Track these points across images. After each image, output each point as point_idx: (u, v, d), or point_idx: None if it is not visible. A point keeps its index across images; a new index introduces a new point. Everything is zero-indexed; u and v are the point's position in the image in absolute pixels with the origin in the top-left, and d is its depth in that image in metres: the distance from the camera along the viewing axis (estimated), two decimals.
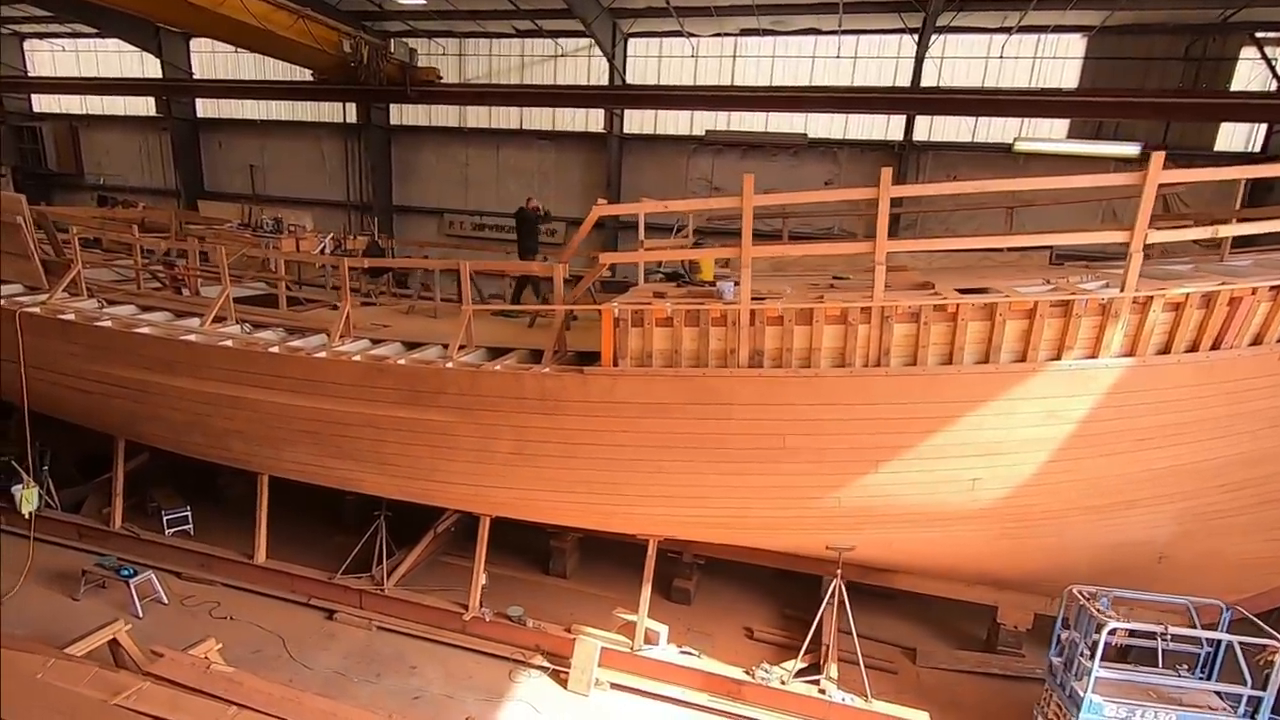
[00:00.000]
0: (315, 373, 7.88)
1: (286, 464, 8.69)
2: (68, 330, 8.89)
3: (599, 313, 6.89)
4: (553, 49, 18.91)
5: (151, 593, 9.60)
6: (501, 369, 7.38)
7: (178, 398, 8.60)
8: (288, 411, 8.14)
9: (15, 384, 9.76)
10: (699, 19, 16.51)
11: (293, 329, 9.28)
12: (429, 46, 20.04)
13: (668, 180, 18.81)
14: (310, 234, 10.55)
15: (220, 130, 23.05)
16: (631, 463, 7.21)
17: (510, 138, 20.01)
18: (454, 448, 7.75)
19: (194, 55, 22.45)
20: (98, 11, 19.43)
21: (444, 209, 20.96)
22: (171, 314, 9.85)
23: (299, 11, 14.97)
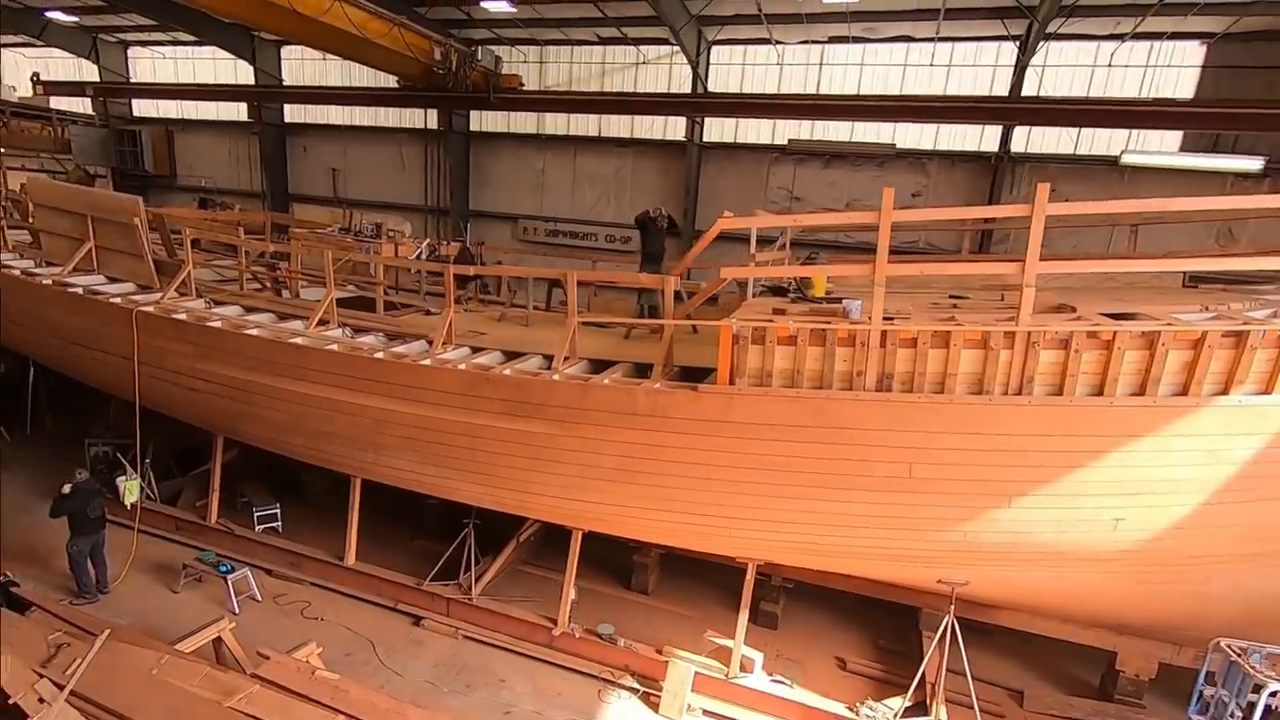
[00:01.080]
0: (419, 380, 7.86)
1: (383, 469, 8.71)
2: (180, 329, 9.11)
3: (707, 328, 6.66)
4: (634, 56, 18.84)
5: (247, 590, 9.76)
6: (610, 383, 7.20)
7: (281, 399, 8.71)
8: (389, 417, 8.13)
9: (121, 378, 10.10)
10: (786, 26, 16.19)
11: (393, 334, 9.33)
12: (510, 54, 20.21)
13: (746, 189, 18.50)
14: (408, 240, 10.62)
15: (305, 135, 23.75)
16: (742, 484, 6.93)
17: (588, 144, 20.02)
18: (555, 461, 7.60)
19: (284, 62, 23.22)
20: (201, 20, 20.29)
21: (518, 214, 21.09)
22: (274, 315, 10.04)
23: (395, 20, 15.29)
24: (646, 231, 10.69)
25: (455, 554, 9.92)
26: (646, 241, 10.71)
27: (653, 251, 10.67)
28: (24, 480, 12.67)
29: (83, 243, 10.77)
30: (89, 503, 8.98)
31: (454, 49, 18.05)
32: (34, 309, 10.57)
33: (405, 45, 16.17)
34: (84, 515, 8.98)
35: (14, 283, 10.66)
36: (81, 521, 9.00)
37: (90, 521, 8.97)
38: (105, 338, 9.81)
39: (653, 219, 10.61)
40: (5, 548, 10.88)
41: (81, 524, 9.01)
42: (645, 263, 10.63)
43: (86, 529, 9.01)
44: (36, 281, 10.41)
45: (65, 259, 11.05)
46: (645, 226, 10.69)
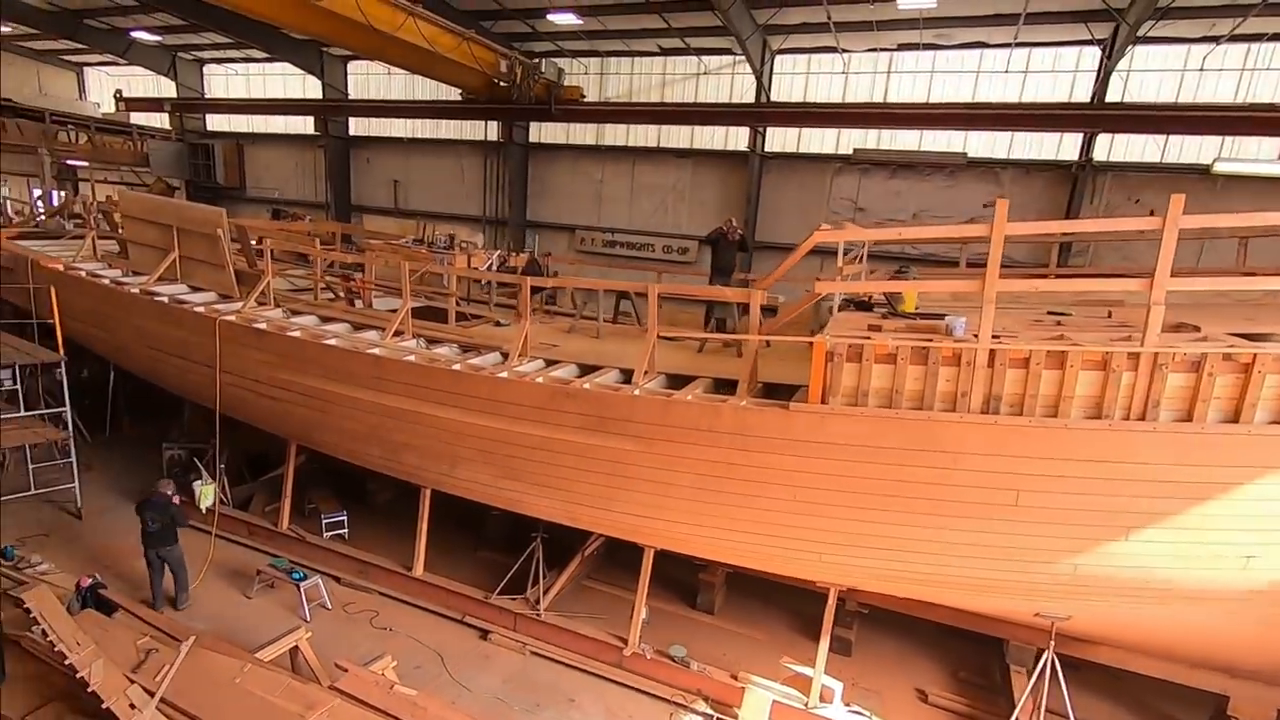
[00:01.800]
0: (497, 393, 7.79)
1: (457, 481, 8.66)
2: (261, 339, 9.25)
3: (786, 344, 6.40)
4: (696, 67, 18.73)
5: (318, 597, 9.82)
6: (694, 399, 7.00)
7: (358, 409, 8.75)
8: (465, 429, 8.08)
9: (202, 385, 10.32)
10: (854, 34, 15.86)
11: (466, 346, 9.31)
12: (571, 66, 20.34)
13: (809, 200, 18.17)
14: (481, 251, 10.65)
15: (369, 147, 24.30)
16: (831, 508, 6.64)
17: (647, 155, 19.96)
18: (634, 477, 7.42)
19: (350, 77, 23.82)
20: (276, 38, 21.00)
21: (576, 225, 21.14)
22: (350, 325, 10.14)
23: (464, 34, 15.52)
24: (718, 245, 10.51)
25: (522, 567, 9.86)
26: (717, 255, 10.53)
27: (723, 265, 10.48)
28: (105, 481, 13.08)
29: (168, 253, 11.10)
30: (150, 516, 8.95)
31: (519, 61, 18.24)
32: (121, 316, 10.91)
33: (473, 59, 16.38)
34: (144, 527, 9.00)
35: (103, 291, 11.02)
36: (143, 533, 9.04)
37: (149, 535, 8.98)
38: (189, 346, 10.04)
39: (725, 233, 10.40)
40: (88, 548, 11.24)
41: (144, 535, 9.05)
42: (715, 276, 10.45)
43: (148, 541, 9.04)
44: (125, 290, 10.74)
45: (151, 269, 11.41)
46: (717, 240, 10.50)
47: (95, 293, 11.12)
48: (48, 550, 10.89)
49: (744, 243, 10.67)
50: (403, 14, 14.17)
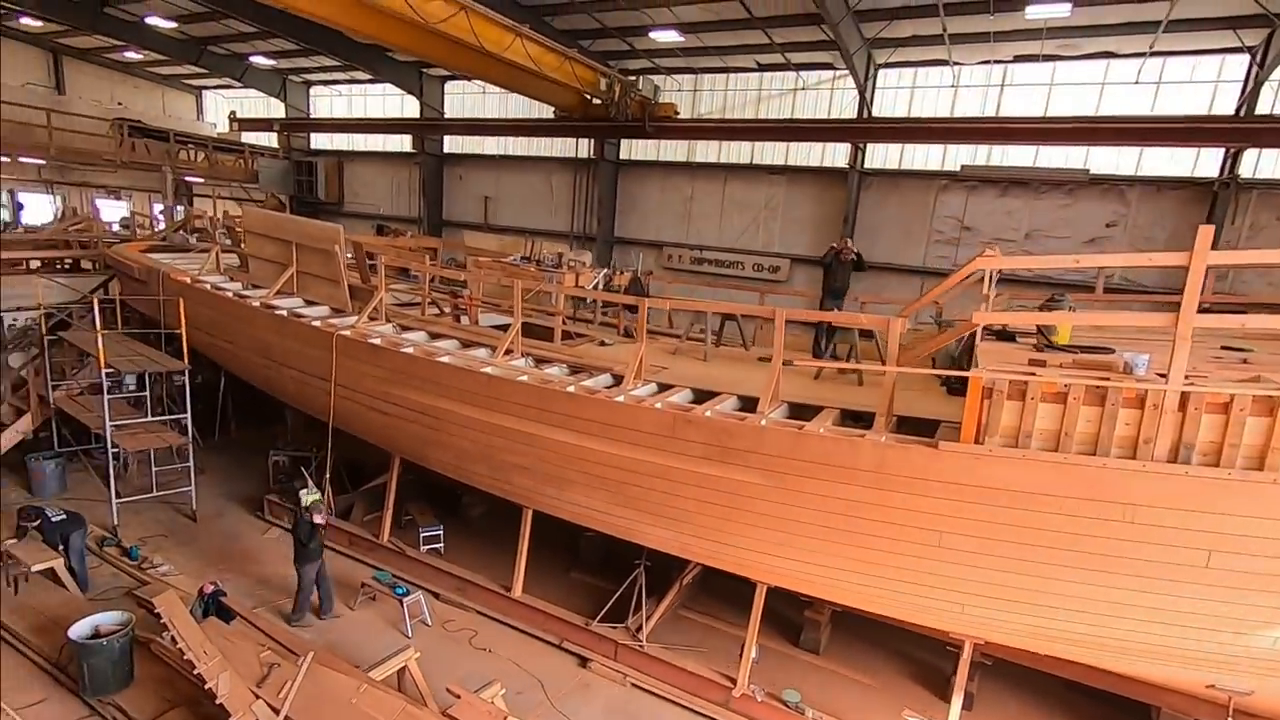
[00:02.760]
0: (614, 417, 7.57)
1: (567, 505, 8.48)
2: (376, 354, 9.36)
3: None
4: (793, 82, 18.34)
5: (419, 614, 9.83)
6: (828, 433, 6.58)
7: (468, 427, 8.71)
8: (578, 453, 7.89)
9: (315, 397, 10.55)
10: (968, 46, 15.15)
11: (576, 367, 9.16)
12: (664, 83, 20.27)
13: (910, 218, 17.42)
14: (588, 269, 10.56)
15: (461, 164, 24.89)
16: (981, 557, 6.08)
17: (739, 172, 19.64)
18: (757, 512, 7.04)
19: (447, 96, 24.51)
20: (382, 60, 21.85)
21: (663, 242, 20.97)
22: (458, 342, 10.18)
23: (566, 53, 15.68)
24: (832, 267, 10.01)
25: (619, 593, 9.61)
26: (831, 276, 10.03)
27: (837, 287, 9.97)
28: (216, 485, 13.56)
29: (286, 267, 11.47)
30: (299, 529, 9.20)
31: (618, 79, 18.26)
32: (242, 328, 11.31)
33: (574, 77, 16.52)
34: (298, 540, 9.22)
35: (226, 303, 11.46)
36: (296, 545, 9.24)
37: (303, 548, 9.19)
38: (305, 358, 10.29)
39: (839, 253, 9.90)
40: (203, 550, 11.65)
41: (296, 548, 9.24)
42: (827, 298, 9.95)
43: (299, 554, 9.24)
44: (246, 303, 11.13)
45: (269, 282, 11.82)
46: (831, 261, 10.01)
47: (218, 305, 11.59)
48: (166, 550, 11.35)
49: (860, 262, 10.13)
50: (511, 34, 14.40)
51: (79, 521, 9.89)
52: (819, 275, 18.58)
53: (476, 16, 13.43)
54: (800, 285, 18.90)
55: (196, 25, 21.97)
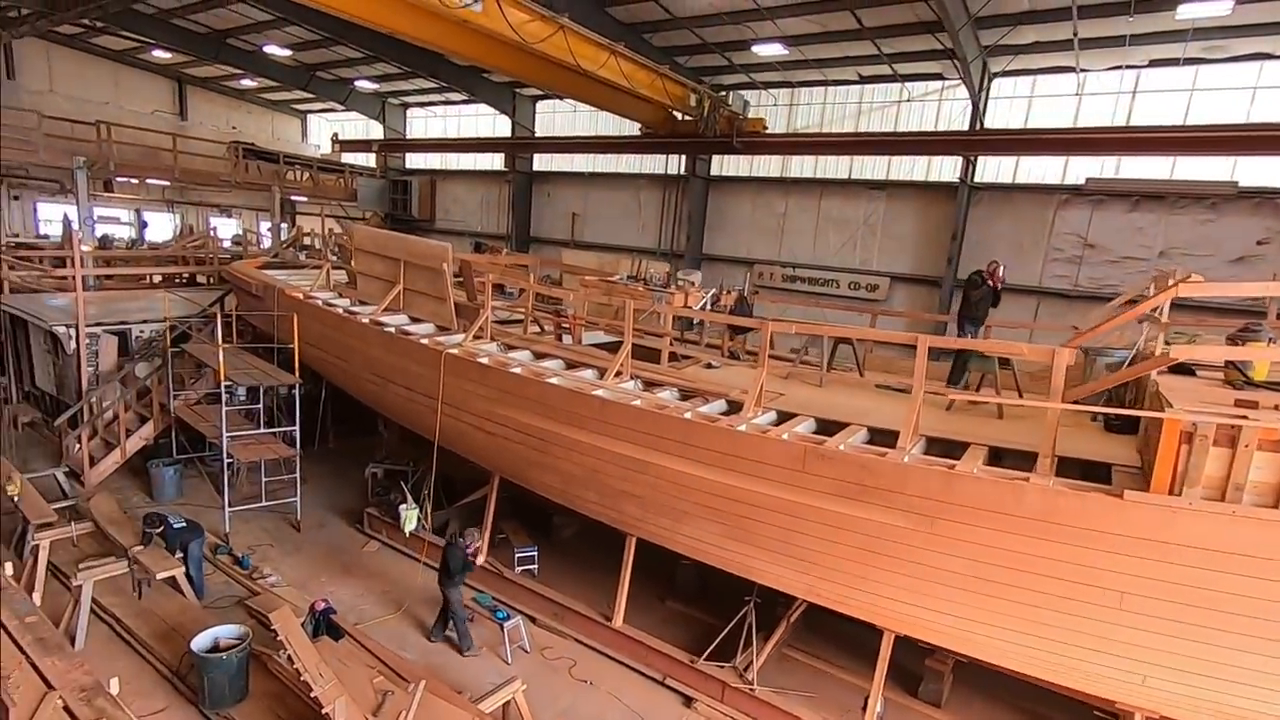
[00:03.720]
0: (736, 447, 7.14)
1: (680, 537, 8.07)
2: (484, 373, 9.25)
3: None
4: (897, 94, 17.59)
5: (519, 639, 9.59)
6: (985, 474, 5.95)
7: (577, 451, 8.44)
8: (695, 483, 7.49)
9: (421, 414, 10.55)
10: (1097, 51, 14.09)
11: (688, 391, 8.78)
12: (759, 98, 19.88)
13: (1025, 235, 16.33)
14: (697, 289, 10.23)
15: (550, 181, 25.16)
16: (1172, 624, 5.31)
17: (836, 187, 18.97)
18: (895, 557, 6.45)
19: (538, 115, 24.86)
20: (478, 82, 22.37)
21: (754, 259, 20.46)
22: (563, 362, 9.99)
23: (659, 70, 15.59)
24: (974, 291, 9.14)
25: (717, 626, 9.13)
26: (972, 303, 9.15)
27: (978, 314, 9.14)
28: (317, 496, 13.76)
29: (393, 285, 11.61)
30: (451, 558, 9.06)
31: (707, 95, 18.09)
32: (351, 344, 11.48)
33: (665, 94, 16.38)
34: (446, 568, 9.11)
35: (336, 319, 11.68)
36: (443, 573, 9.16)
37: (448, 575, 9.09)
38: (412, 375, 10.31)
39: (986, 277, 9.07)
40: (308, 560, 11.85)
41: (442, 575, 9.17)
42: (965, 325, 9.17)
43: (448, 580, 9.16)
44: (356, 319, 11.30)
45: (377, 299, 12.00)
46: (976, 285, 9.14)
47: (329, 320, 11.82)
48: (273, 560, 11.58)
49: (997, 295, 9.31)
50: (605, 53, 14.39)
51: (198, 530, 10.16)
52: (920, 295, 17.84)
53: (574, 35, 13.47)
54: (899, 305, 18.04)
55: (308, 52, 23.09)
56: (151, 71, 27.53)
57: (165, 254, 23.24)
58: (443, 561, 9.22)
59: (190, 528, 10.01)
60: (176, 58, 25.76)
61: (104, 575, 8.91)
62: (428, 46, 13.37)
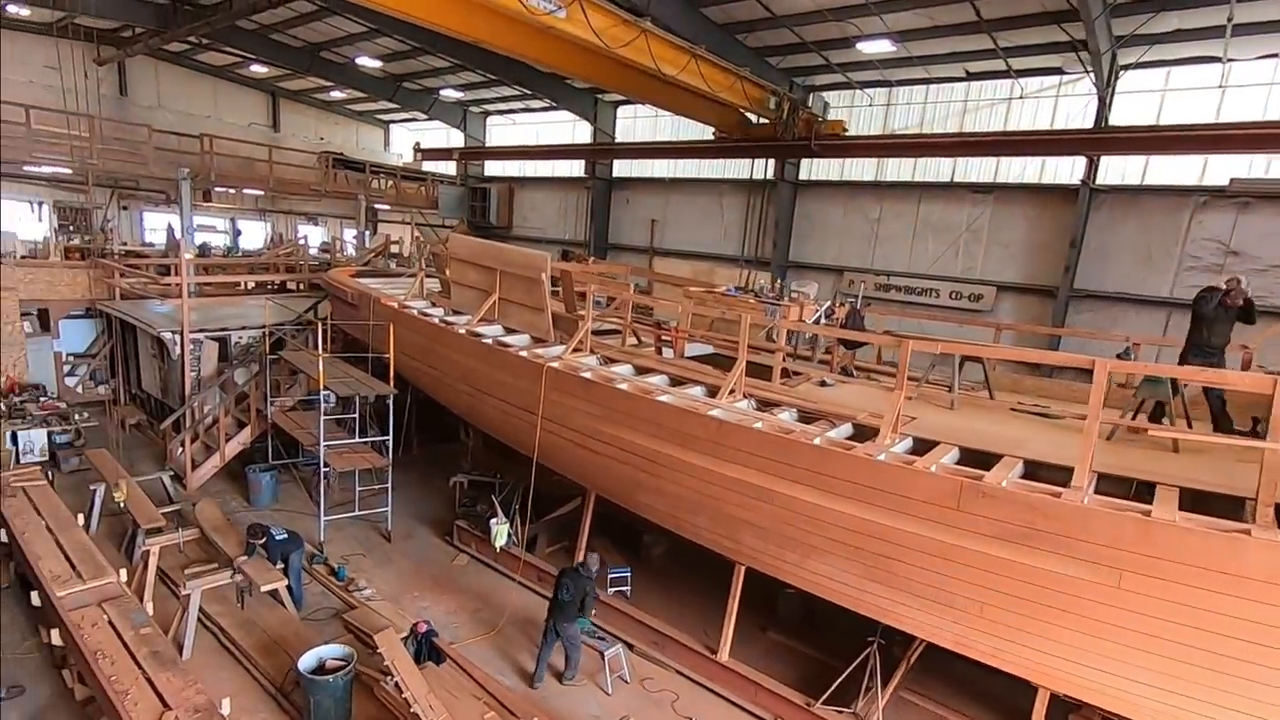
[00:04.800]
0: (875, 479, 6.47)
1: (805, 573, 7.43)
2: (588, 389, 8.84)
3: None
4: (1008, 91, 16.45)
5: (619, 668, 9.13)
6: (1191, 524, 5.11)
7: (689, 474, 7.92)
8: (825, 516, 6.85)
9: (519, 429, 10.24)
10: (1250, 39, 12.71)
11: (807, 413, 8.14)
12: (854, 98, 19.01)
13: (1155, 241, 14.95)
14: (811, 302, 9.60)
15: (629, 187, 24.84)
16: None
17: (936, 191, 17.91)
18: (1066, 611, 5.66)
19: (619, 121, 24.60)
20: (561, 89, 22.28)
21: (844, 267, 19.55)
22: (666, 378, 9.50)
23: (739, 73, 15.32)
24: (1211, 314, 7.20)
25: (827, 661, 8.48)
26: (1206, 325, 7.23)
27: (1214, 341, 7.21)
28: (405, 505, 13.59)
29: (489, 294, 11.38)
30: (566, 585, 8.61)
31: (786, 98, 17.52)
32: (446, 354, 11.29)
33: (744, 96, 16.03)
34: (555, 594, 8.70)
35: (432, 329, 11.53)
36: (553, 599, 8.74)
37: (557, 603, 8.65)
38: (510, 388, 10.01)
39: (1223, 297, 7.08)
40: (398, 572, 11.73)
41: (552, 602, 8.75)
42: (1193, 352, 7.38)
43: (553, 609, 8.73)
44: (452, 330, 11.11)
45: (471, 308, 11.81)
46: (1213, 309, 7.17)
47: (424, 330, 11.69)
48: (366, 571, 11.49)
49: (1249, 311, 7.16)
50: (686, 55, 14.07)
51: (298, 541, 10.13)
52: (1030, 306, 16.60)
53: (655, 39, 13.20)
54: (1005, 316, 16.83)
55: (396, 63, 23.51)
56: (248, 86, 28.64)
57: (259, 261, 24.03)
58: (560, 589, 8.63)
59: (291, 539, 9.97)
60: (272, 72, 26.69)
61: (211, 585, 8.91)
62: (509, 54, 13.38)
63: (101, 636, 7.34)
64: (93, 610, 7.77)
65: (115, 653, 7.14)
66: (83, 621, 7.55)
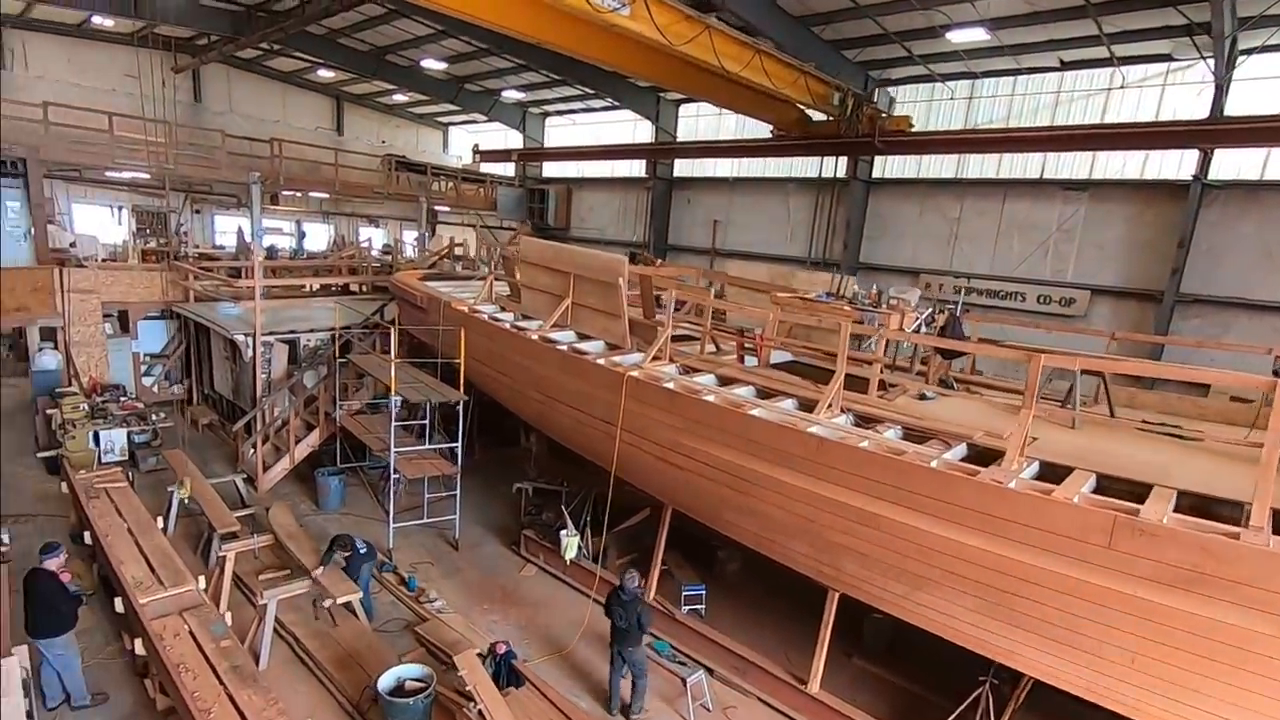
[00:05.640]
0: (1005, 509, 5.83)
1: (918, 607, 6.81)
2: (672, 401, 8.38)
3: None
4: (1107, 80, 15.36)
5: (701, 695, 8.66)
6: None
7: (786, 495, 7.38)
8: (943, 547, 6.23)
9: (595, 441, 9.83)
10: None
11: (914, 431, 7.51)
12: (933, 92, 18.10)
13: (1273, 240, 13.69)
14: (913, 309, 8.96)
15: (690, 187, 24.33)
16: None
17: (1024, 188, 16.87)
18: (1243, 669, 4.94)
19: (681, 120, 24.13)
20: (624, 88, 21.94)
21: (919, 269, 18.64)
22: (753, 389, 8.97)
23: (803, 69, 14.88)
24: None
25: (919, 693, 7.84)
26: None
27: None
28: (470, 510, 13.15)
29: (561, 299, 11.03)
30: (619, 613, 8.14)
31: (851, 93, 16.83)
32: (518, 360, 10.99)
33: (807, 93, 15.51)
34: (613, 623, 8.26)
35: (503, 335, 11.25)
36: (612, 628, 8.31)
37: (616, 630, 8.23)
38: (586, 398, 9.63)
39: None
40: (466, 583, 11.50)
41: (612, 630, 8.32)
42: None
43: (614, 636, 8.29)
44: (524, 335, 10.80)
45: (542, 314, 11.48)
46: None
47: (494, 335, 11.42)
48: (434, 581, 11.28)
49: None
50: (750, 51, 13.58)
51: (374, 553, 9.96)
52: (1130, 311, 15.42)
53: (719, 35, 12.77)
54: (1100, 322, 15.73)
55: (460, 65, 23.52)
56: (314, 91, 29.16)
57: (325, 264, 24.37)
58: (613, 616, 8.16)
59: (370, 553, 9.82)
60: (338, 76, 27.09)
61: (287, 595, 8.77)
62: (570, 54, 13.31)
63: (184, 649, 7.22)
64: (174, 620, 7.68)
65: (197, 666, 7.01)
66: (164, 632, 7.45)
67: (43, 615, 7.29)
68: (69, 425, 13.08)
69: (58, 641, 7.37)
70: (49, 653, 7.32)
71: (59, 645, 7.39)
